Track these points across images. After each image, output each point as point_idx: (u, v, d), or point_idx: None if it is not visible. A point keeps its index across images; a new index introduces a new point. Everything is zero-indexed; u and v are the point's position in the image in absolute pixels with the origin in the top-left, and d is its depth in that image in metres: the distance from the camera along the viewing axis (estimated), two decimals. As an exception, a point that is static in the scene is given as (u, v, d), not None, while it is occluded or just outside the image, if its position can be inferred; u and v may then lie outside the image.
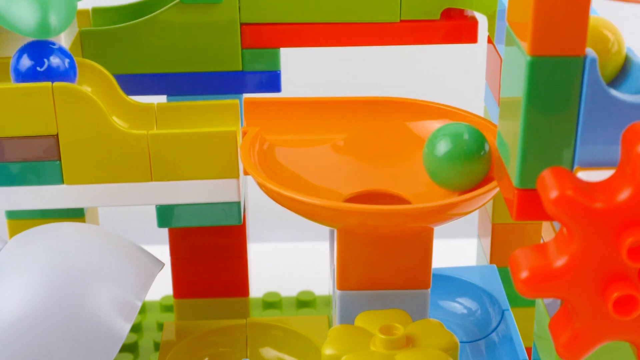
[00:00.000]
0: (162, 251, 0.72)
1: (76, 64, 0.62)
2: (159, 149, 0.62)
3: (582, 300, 0.44)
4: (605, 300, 0.44)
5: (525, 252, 0.45)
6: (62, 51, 0.61)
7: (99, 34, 0.67)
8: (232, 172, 0.63)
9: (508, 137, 0.48)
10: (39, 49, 0.61)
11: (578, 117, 0.45)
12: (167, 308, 0.81)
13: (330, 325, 0.70)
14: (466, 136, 0.54)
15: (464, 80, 0.94)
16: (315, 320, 0.71)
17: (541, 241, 0.63)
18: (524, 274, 0.44)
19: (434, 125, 0.61)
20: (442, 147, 0.54)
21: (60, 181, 0.63)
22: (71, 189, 0.63)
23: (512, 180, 0.47)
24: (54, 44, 0.61)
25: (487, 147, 0.54)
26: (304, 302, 0.81)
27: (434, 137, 0.55)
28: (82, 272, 0.57)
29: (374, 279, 0.55)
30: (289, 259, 0.93)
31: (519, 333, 0.61)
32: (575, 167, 0.46)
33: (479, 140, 0.54)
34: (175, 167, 0.63)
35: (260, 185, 0.54)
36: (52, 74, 0.60)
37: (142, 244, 0.64)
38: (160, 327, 0.78)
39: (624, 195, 0.42)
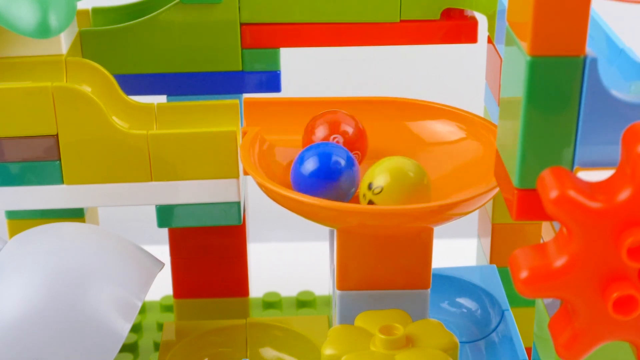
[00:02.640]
0: (162, 251, 0.72)
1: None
2: (159, 149, 0.62)
3: (581, 300, 0.44)
4: (605, 300, 0.44)
5: (525, 252, 0.45)
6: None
7: (99, 34, 0.67)
8: (232, 172, 0.63)
9: (508, 137, 0.48)
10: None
11: (578, 117, 0.45)
12: (167, 308, 0.81)
13: (330, 325, 0.70)
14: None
15: (464, 80, 0.94)
16: (315, 320, 0.71)
17: (541, 241, 0.63)
18: (524, 274, 0.44)
19: (434, 125, 0.61)
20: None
21: (60, 181, 0.63)
22: (71, 189, 0.63)
23: (512, 180, 0.47)
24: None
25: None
26: (304, 302, 0.80)
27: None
28: (82, 272, 0.57)
29: (374, 279, 0.55)
30: (289, 259, 0.93)
31: (518, 333, 0.61)
32: (575, 167, 0.46)
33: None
34: (175, 167, 0.63)
35: (260, 185, 0.54)
36: None
37: (142, 244, 0.64)
38: (160, 327, 0.78)
39: (624, 195, 0.42)
